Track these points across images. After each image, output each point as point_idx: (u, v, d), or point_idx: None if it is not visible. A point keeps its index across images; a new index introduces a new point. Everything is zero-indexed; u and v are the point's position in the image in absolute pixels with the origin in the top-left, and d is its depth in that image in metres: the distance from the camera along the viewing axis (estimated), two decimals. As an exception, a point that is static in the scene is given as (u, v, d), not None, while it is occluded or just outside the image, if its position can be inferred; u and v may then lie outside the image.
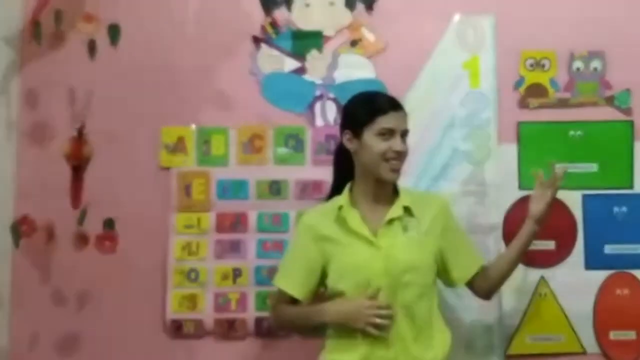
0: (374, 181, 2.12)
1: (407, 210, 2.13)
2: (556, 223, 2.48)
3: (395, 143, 2.08)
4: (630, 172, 2.51)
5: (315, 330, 2.18)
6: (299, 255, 2.18)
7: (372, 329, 2.01)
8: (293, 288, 2.15)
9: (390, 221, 2.11)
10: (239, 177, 2.52)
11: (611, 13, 2.54)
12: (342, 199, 2.15)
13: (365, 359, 2.05)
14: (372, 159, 2.09)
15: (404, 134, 2.11)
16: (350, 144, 2.14)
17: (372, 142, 2.09)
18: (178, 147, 2.54)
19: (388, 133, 2.08)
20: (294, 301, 2.16)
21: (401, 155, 2.09)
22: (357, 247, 2.09)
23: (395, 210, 2.12)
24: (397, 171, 2.10)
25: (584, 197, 2.50)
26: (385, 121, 2.09)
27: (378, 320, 2.00)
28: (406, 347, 2.05)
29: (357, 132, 2.12)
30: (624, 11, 2.54)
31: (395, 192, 2.17)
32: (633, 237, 2.50)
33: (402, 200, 2.13)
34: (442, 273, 2.18)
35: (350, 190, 2.17)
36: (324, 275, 2.14)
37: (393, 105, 2.12)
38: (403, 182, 2.21)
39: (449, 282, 2.22)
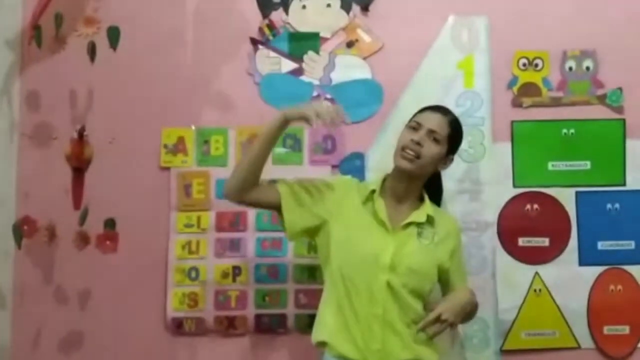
0: (400, 176, 2.16)
1: (429, 219, 2.17)
2: (550, 220, 2.53)
3: (415, 135, 2.13)
4: (623, 169, 2.54)
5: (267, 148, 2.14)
6: (317, 188, 2.19)
7: (313, 114, 2.04)
8: (288, 209, 2.14)
9: (408, 224, 2.15)
10: (238, 177, 2.55)
11: (602, 13, 2.58)
12: (375, 184, 2.20)
13: (361, 340, 2.07)
14: (396, 147, 2.16)
15: (432, 133, 2.13)
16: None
17: (402, 132, 2.17)
18: (178, 147, 2.56)
19: (415, 126, 2.15)
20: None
21: (416, 146, 2.11)
22: (374, 233, 2.13)
23: (420, 215, 2.16)
24: (408, 160, 2.12)
25: (578, 194, 2.54)
26: (418, 116, 2.17)
27: (324, 111, 2.06)
28: (401, 339, 2.09)
29: None
30: (615, 11, 2.58)
31: (420, 199, 2.22)
32: (626, 233, 2.53)
33: (427, 209, 2.18)
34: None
35: (382, 182, 2.21)
36: (315, 230, 2.17)
37: (433, 107, 2.20)
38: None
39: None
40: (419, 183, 2.20)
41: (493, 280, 2.50)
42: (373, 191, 2.18)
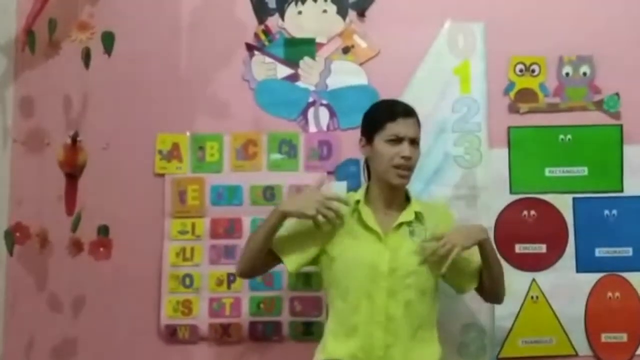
0: (386, 186, 2.17)
1: (417, 216, 2.17)
2: (547, 226, 2.52)
3: (403, 149, 2.12)
4: (620, 176, 2.53)
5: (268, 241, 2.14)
6: (303, 228, 2.18)
7: (321, 217, 2.08)
8: (288, 257, 2.17)
9: (399, 225, 2.15)
10: (233, 183, 2.53)
11: (599, 18, 2.56)
12: (359, 194, 2.20)
13: (361, 351, 2.08)
14: (382, 165, 2.14)
15: (413, 141, 2.15)
16: (363, 150, 2.22)
17: (381, 148, 2.14)
18: (173, 153, 2.55)
19: (396, 139, 2.13)
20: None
21: (409, 161, 2.13)
22: (366, 241, 2.13)
23: (407, 215, 2.16)
24: (404, 177, 2.14)
25: (575, 200, 2.52)
26: (394, 128, 2.13)
27: (328, 211, 2.07)
28: (403, 344, 2.08)
29: (369, 138, 2.18)
30: (611, 16, 2.57)
31: (406, 199, 2.22)
32: (623, 240, 2.52)
33: (414, 207, 2.18)
34: (451, 280, 2.22)
35: (366, 190, 2.21)
36: (315, 258, 2.18)
37: (403, 112, 2.16)
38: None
39: (459, 289, 2.25)
40: (404, 188, 2.21)
41: (490, 287, 2.48)
42: (358, 201, 2.17)
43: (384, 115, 2.17)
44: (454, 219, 2.28)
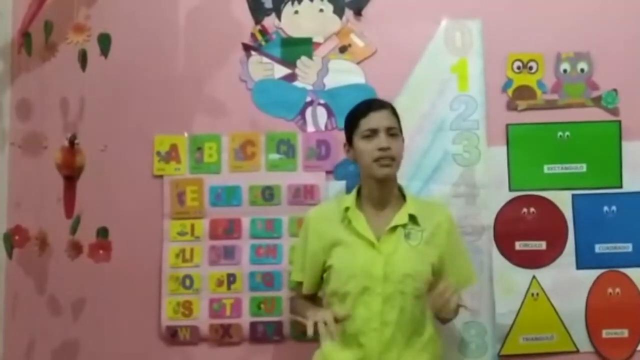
0: (375, 184, 2.17)
1: (412, 218, 2.16)
2: (547, 223, 2.51)
3: (379, 141, 2.12)
4: (619, 172, 2.52)
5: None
6: (305, 250, 2.22)
7: (311, 329, 1.98)
8: (307, 283, 2.23)
9: (394, 228, 2.14)
10: (232, 184, 2.53)
11: (596, 14, 2.56)
12: (349, 200, 2.19)
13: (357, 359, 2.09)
14: (364, 161, 2.14)
15: (389, 130, 2.14)
16: (348, 155, 2.23)
17: (360, 145, 2.15)
18: (171, 155, 2.54)
19: (372, 133, 2.14)
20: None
21: (388, 152, 2.11)
22: (359, 249, 2.12)
23: (401, 218, 2.15)
24: (387, 167, 2.12)
25: (574, 197, 2.52)
26: (366, 122, 2.15)
27: (322, 327, 1.97)
28: (398, 350, 2.09)
29: (350, 141, 2.20)
30: (608, 12, 2.56)
31: (402, 197, 2.21)
32: (623, 236, 2.51)
33: (408, 208, 2.17)
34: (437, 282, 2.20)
35: (358, 193, 2.21)
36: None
37: (373, 106, 2.18)
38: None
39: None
40: (395, 183, 2.21)
41: (490, 285, 2.48)
42: (347, 208, 2.17)
43: (356, 114, 2.19)
44: (451, 218, 2.27)
